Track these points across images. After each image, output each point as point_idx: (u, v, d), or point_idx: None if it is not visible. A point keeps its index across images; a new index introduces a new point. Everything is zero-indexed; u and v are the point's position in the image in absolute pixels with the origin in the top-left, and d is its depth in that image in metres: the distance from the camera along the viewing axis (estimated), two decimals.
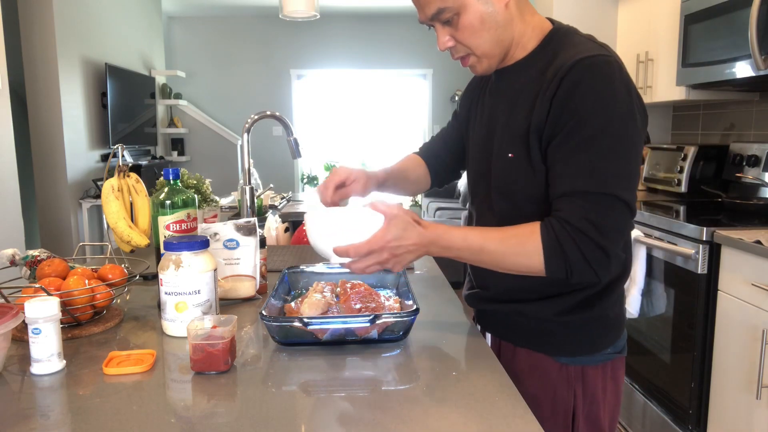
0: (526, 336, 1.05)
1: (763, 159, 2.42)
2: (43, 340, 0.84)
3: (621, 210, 0.87)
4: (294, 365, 0.88)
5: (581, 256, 0.86)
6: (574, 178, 0.87)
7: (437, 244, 0.91)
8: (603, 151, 0.86)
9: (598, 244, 0.86)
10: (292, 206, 3.15)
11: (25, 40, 4.01)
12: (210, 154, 6.46)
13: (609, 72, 0.88)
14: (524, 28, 0.98)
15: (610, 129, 0.86)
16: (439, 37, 0.98)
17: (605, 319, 1.03)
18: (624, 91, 0.88)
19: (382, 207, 0.91)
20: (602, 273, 0.88)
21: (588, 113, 0.86)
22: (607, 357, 1.04)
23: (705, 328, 1.99)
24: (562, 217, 0.87)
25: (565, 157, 0.89)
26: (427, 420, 0.71)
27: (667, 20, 2.66)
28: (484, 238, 0.91)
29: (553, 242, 0.87)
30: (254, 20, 7.00)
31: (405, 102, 7.43)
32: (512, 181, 0.98)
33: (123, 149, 1.34)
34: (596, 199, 0.86)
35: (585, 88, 0.87)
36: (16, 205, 3.00)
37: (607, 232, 0.86)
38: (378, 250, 0.89)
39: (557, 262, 0.87)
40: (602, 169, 0.86)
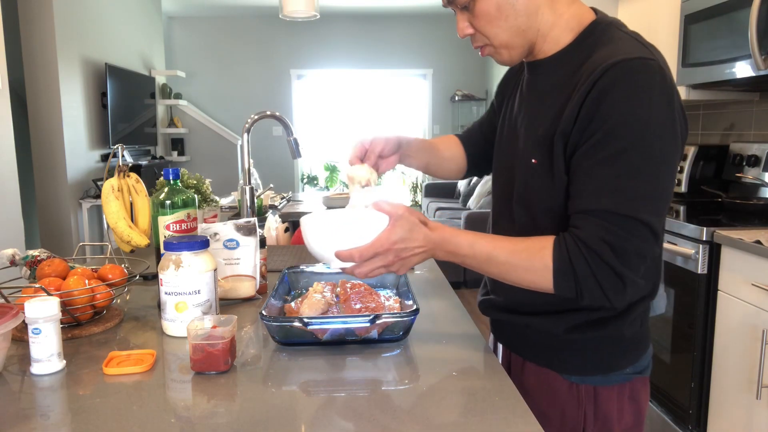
0: (534, 350, 1.00)
1: (763, 159, 2.42)
2: (43, 340, 0.84)
3: (644, 235, 0.79)
4: (294, 365, 0.88)
5: (594, 279, 0.80)
6: (596, 195, 0.80)
7: (443, 248, 0.86)
8: (631, 169, 0.78)
9: (614, 269, 0.79)
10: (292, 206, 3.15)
11: (25, 40, 4.02)
12: (210, 154, 6.47)
13: (648, 78, 0.78)
14: (555, 20, 0.89)
15: (642, 144, 0.78)
16: (458, 23, 0.92)
17: (620, 339, 0.94)
18: (664, 102, 0.79)
19: (387, 207, 0.85)
20: (615, 300, 0.81)
21: (619, 124, 0.78)
22: (626, 377, 0.96)
23: (705, 328, 1.99)
24: (578, 236, 0.80)
25: (589, 171, 0.81)
26: (427, 420, 0.71)
27: (667, 20, 2.66)
28: (493, 247, 0.85)
29: (565, 261, 0.80)
30: (254, 20, 7.00)
31: (405, 102, 7.44)
32: (533, 190, 0.92)
33: (123, 149, 1.34)
34: (617, 220, 0.78)
35: (618, 95, 0.78)
36: (16, 205, 3.00)
37: (626, 257, 0.79)
38: (383, 253, 0.84)
39: (567, 283, 0.81)
40: (628, 188, 0.78)
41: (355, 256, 0.84)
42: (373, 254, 0.84)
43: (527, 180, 0.93)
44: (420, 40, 7.18)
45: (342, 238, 0.85)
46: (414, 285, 1.26)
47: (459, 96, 7.10)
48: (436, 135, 7.38)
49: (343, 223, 0.88)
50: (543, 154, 0.88)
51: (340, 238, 0.85)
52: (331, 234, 0.87)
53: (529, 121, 0.94)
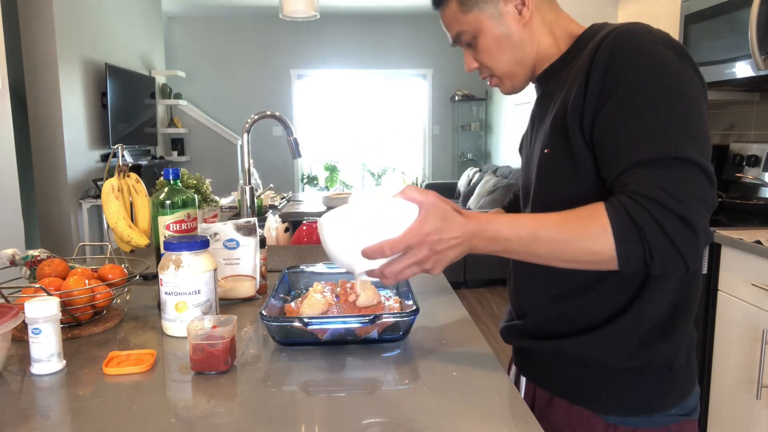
0: (566, 385, 0.90)
1: (763, 159, 2.42)
2: (43, 340, 0.84)
3: (699, 175, 0.72)
4: (294, 365, 0.88)
5: (661, 232, 0.69)
6: (635, 149, 0.73)
7: (482, 236, 0.76)
8: (663, 114, 0.73)
9: (680, 215, 0.69)
10: (292, 206, 3.15)
11: (25, 40, 4.02)
12: (210, 154, 6.47)
13: (647, 35, 0.78)
14: (552, 41, 0.94)
15: (665, 89, 0.74)
16: (465, 59, 0.98)
17: (666, 372, 0.85)
18: (671, 52, 0.76)
19: (416, 195, 0.76)
20: (689, 252, 0.70)
21: (634, 79, 0.75)
22: (671, 419, 0.86)
23: (705, 328, 1.99)
24: (630, 190, 0.72)
25: (619, 130, 0.75)
26: (428, 420, 0.71)
27: (667, 20, 2.67)
28: (539, 224, 0.76)
29: (624, 219, 0.71)
30: (254, 20, 7.00)
31: (405, 102, 7.44)
32: (547, 180, 0.88)
33: (123, 149, 1.34)
34: (667, 164, 0.72)
35: (624, 53, 0.76)
36: (16, 205, 3.00)
37: (689, 200, 0.70)
38: (417, 246, 0.74)
39: (632, 244, 0.71)
40: (667, 131, 0.73)
41: (386, 250, 0.74)
42: (405, 247, 0.74)
43: (541, 173, 0.89)
44: (420, 40, 7.19)
45: (368, 234, 0.75)
46: (414, 285, 1.26)
47: (459, 96, 7.10)
48: (436, 135, 7.38)
49: (367, 216, 0.76)
50: (555, 140, 0.85)
51: (365, 233, 0.75)
52: (355, 230, 0.76)
53: (540, 123, 0.95)
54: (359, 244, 0.75)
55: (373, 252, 0.75)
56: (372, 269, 0.77)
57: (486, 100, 7.21)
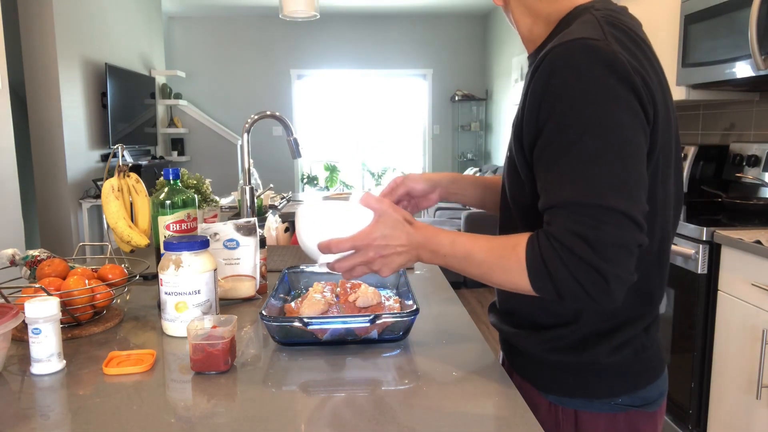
0: (516, 362, 0.95)
1: (763, 159, 2.42)
2: (43, 340, 0.84)
3: (618, 222, 0.70)
4: (294, 365, 0.88)
5: (571, 277, 0.71)
6: (559, 187, 0.73)
7: (426, 248, 0.82)
8: (588, 154, 0.72)
9: (590, 263, 0.70)
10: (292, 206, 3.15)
11: (25, 40, 4.02)
12: (210, 154, 6.47)
13: (589, 57, 0.73)
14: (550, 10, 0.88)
15: (596, 128, 0.72)
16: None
17: (598, 367, 0.86)
18: (611, 79, 0.72)
19: (373, 202, 0.83)
20: (600, 298, 0.72)
21: (566, 110, 0.73)
22: (618, 408, 0.87)
23: (705, 328, 1.99)
24: (549, 232, 0.74)
25: (548, 164, 0.76)
26: (428, 420, 0.71)
27: (667, 20, 2.66)
28: (471, 246, 0.80)
29: (536, 259, 0.74)
30: (254, 20, 7.00)
31: (405, 102, 7.44)
32: (507, 184, 0.90)
33: (123, 149, 1.34)
34: (586, 211, 0.71)
35: (559, 81, 0.73)
36: (16, 205, 3.00)
37: (602, 248, 0.70)
38: (363, 248, 0.81)
39: (543, 283, 0.74)
40: (590, 175, 0.71)
41: (332, 247, 0.82)
42: (350, 247, 0.81)
43: (505, 175, 0.92)
44: (420, 40, 7.18)
45: (325, 230, 0.84)
46: (414, 285, 1.26)
47: (459, 96, 7.10)
48: (436, 135, 7.38)
49: (327, 216, 0.86)
50: (513, 147, 0.86)
51: (324, 229, 0.84)
52: (316, 225, 0.86)
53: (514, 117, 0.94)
54: (318, 238, 0.84)
55: (323, 247, 0.83)
56: (328, 262, 0.85)
57: (486, 100, 7.21)
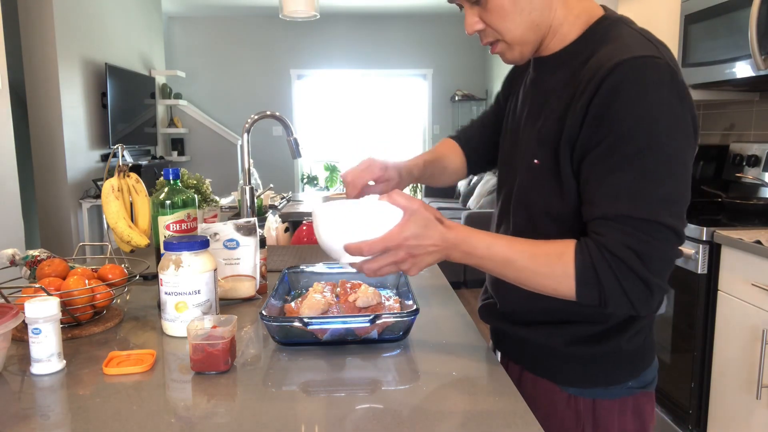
0: (533, 361, 0.97)
1: (763, 159, 2.42)
2: (43, 340, 0.84)
3: (667, 238, 0.76)
4: (294, 365, 0.88)
5: (619, 287, 0.76)
6: (615, 201, 0.76)
7: (459, 248, 0.81)
8: (648, 172, 0.75)
9: (639, 275, 0.75)
10: (292, 206, 3.15)
11: (25, 40, 4.02)
12: (210, 154, 6.46)
13: (658, 77, 0.75)
14: (565, 14, 0.86)
15: (657, 146, 0.75)
16: (467, 19, 0.87)
17: (620, 352, 0.91)
18: (675, 100, 0.76)
19: (402, 201, 0.80)
20: (641, 307, 0.77)
21: (632, 126, 0.75)
22: (628, 391, 0.92)
23: (705, 328, 1.99)
24: (601, 243, 0.77)
25: (603, 176, 0.78)
26: (427, 420, 0.71)
27: (667, 20, 2.66)
28: (512, 250, 0.80)
29: (588, 269, 0.76)
30: (254, 20, 7.00)
31: (405, 102, 7.44)
32: (533, 190, 0.90)
33: (123, 149, 1.34)
34: (640, 225, 0.75)
35: (627, 96, 0.75)
36: (16, 205, 3.00)
37: (652, 262, 0.75)
38: (394, 248, 0.79)
39: (590, 291, 0.77)
40: (647, 192, 0.75)
41: (364, 250, 0.79)
42: (383, 249, 0.79)
43: (528, 180, 0.91)
44: (420, 40, 7.18)
45: (352, 230, 0.81)
46: (414, 285, 1.26)
47: (459, 96, 7.10)
48: (436, 135, 7.38)
49: (354, 216, 0.82)
50: (547, 155, 0.86)
51: (350, 229, 0.81)
52: (341, 225, 0.82)
53: (532, 120, 0.91)
54: (344, 239, 0.81)
55: (353, 249, 0.80)
56: (354, 262, 0.83)
57: (486, 100, 7.21)
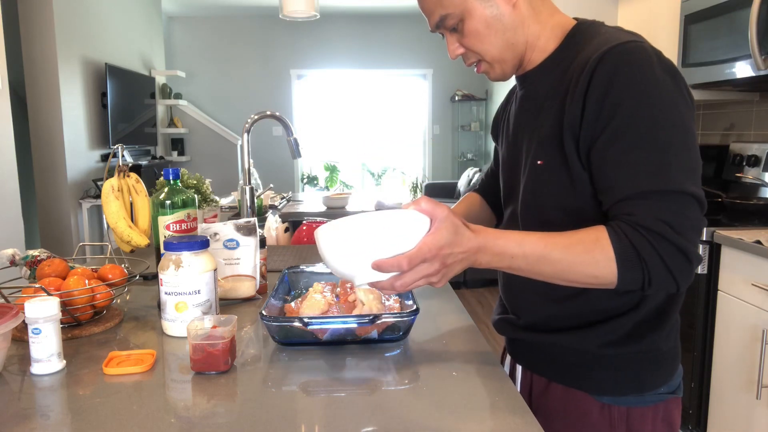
0: (562, 370, 0.94)
1: (763, 159, 2.42)
2: (43, 340, 0.84)
3: (694, 206, 0.77)
4: (294, 365, 0.88)
5: (661, 261, 0.75)
6: (636, 179, 0.77)
7: (488, 251, 0.78)
8: (662, 145, 0.76)
9: (678, 246, 0.75)
10: (292, 206, 3.15)
11: (25, 40, 4.02)
12: (210, 154, 6.46)
13: (646, 57, 0.78)
14: (540, 29, 0.91)
15: (663, 119, 0.77)
16: (448, 45, 0.93)
17: (656, 354, 0.89)
18: (667, 76, 0.78)
19: (428, 207, 0.76)
20: (683, 279, 0.77)
21: (633, 107, 0.77)
22: (660, 398, 0.91)
23: (705, 328, 1.99)
24: (634, 221, 0.76)
25: (619, 158, 0.78)
26: (428, 420, 0.71)
27: (667, 20, 2.66)
28: (546, 243, 0.78)
29: (627, 249, 0.75)
30: (254, 20, 7.00)
31: (405, 102, 7.44)
32: (540, 190, 0.90)
33: (123, 149, 1.34)
34: (667, 197, 0.76)
35: (623, 79, 0.77)
36: (16, 205, 3.00)
37: (685, 232, 0.75)
38: (431, 259, 0.74)
39: (633, 272, 0.76)
40: (666, 164, 0.76)
41: (404, 264, 0.73)
42: (421, 261, 0.74)
43: (533, 182, 0.91)
44: (420, 40, 7.18)
45: (381, 245, 0.73)
46: None
47: (459, 96, 7.10)
48: (436, 135, 7.38)
49: (378, 228, 0.74)
50: (549, 154, 0.87)
51: (377, 245, 0.73)
52: (365, 241, 0.74)
53: (531, 128, 0.93)
54: (370, 256, 0.74)
55: (390, 266, 0.74)
56: (381, 281, 0.76)
57: (486, 100, 7.21)
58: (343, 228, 0.76)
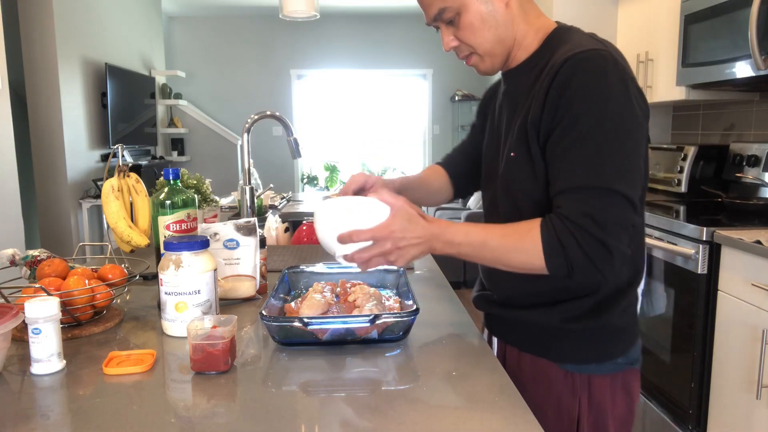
0: (530, 341, 1.04)
1: (763, 159, 2.42)
2: (43, 340, 0.84)
3: (621, 204, 0.85)
4: (294, 365, 0.88)
5: (581, 252, 0.84)
6: (571, 174, 0.86)
7: (440, 239, 0.90)
8: (599, 146, 0.85)
9: (598, 239, 0.83)
10: (292, 206, 3.15)
11: (25, 40, 4.02)
12: (210, 154, 6.46)
13: (601, 65, 0.87)
14: (527, 29, 0.99)
15: (606, 123, 0.85)
16: (443, 38, 1.00)
17: (614, 328, 1.00)
18: (618, 85, 0.86)
19: (389, 198, 0.90)
20: (606, 270, 0.85)
21: (582, 108, 0.85)
22: (618, 367, 1.01)
23: (705, 328, 1.99)
24: (561, 213, 0.86)
25: (562, 154, 0.88)
26: (428, 420, 0.71)
27: (667, 20, 2.66)
28: (486, 233, 0.90)
29: (552, 239, 0.85)
30: (254, 20, 7.00)
31: (405, 102, 7.43)
32: (513, 180, 0.98)
33: (123, 149, 1.34)
34: (594, 193, 0.85)
35: (578, 83, 0.86)
36: (16, 205, 3.00)
37: (608, 226, 0.84)
38: (381, 239, 0.88)
39: (557, 259, 0.85)
40: (599, 163, 0.85)
41: (353, 237, 0.88)
42: (371, 238, 0.88)
43: (508, 173, 1.00)
44: (420, 40, 7.18)
45: (344, 222, 0.89)
46: (414, 285, 1.26)
47: (459, 96, 7.10)
48: (436, 135, 7.38)
49: (346, 209, 0.91)
50: (520, 146, 0.95)
51: (342, 221, 0.89)
52: (335, 218, 0.90)
53: (508, 122, 1.02)
54: (337, 231, 0.89)
55: (343, 238, 0.89)
56: (346, 254, 0.91)
57: None
58: (326, 207, 0.93)
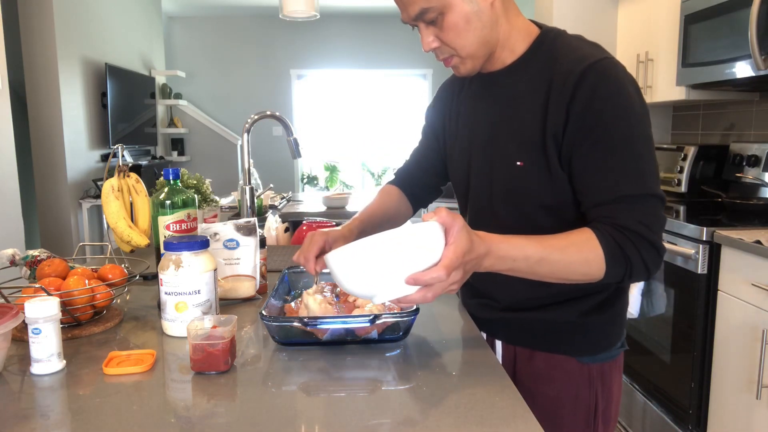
0: (545, 339, 1.05)
1: (763, 159, 2.42)
2: (43, 340, 0.84)
3: (660, 206, 0.90)
4: (294, 365, 0.88)
5: (640, 258, 0.87)
6: (615, 184, 0.88)
7: (493, 255, 0.80)
8: (636, 154, 0.88)
9: (652, 243, 0.87)
10: (292, 206, 3.15)
11: (25, 40, 4.02)
12: (210, 154, 6.46)
13: (619, 74, 0.89)
14: (509, 29, 0.97)
15: (636, 131, 0.88)
16: (423, 38, 0.94)
17: (618, 317, 1.06)
18: (635, 92, 0.90)
19: (448, 218, 0.75)
20: (655, 270, 0.90)
21: (612, 119, 0.88)
22: (618, 352, 1.08)
23: (705, 328, 1.99)
24: (617, 224, 0.87)
25: (598, 165, 0.89)
26: (428, 420, 0.71)
27: (667, 20, 2.66)
28: (544, 247, 0.84)
29: (615, 249, 0.86)
30: (254, 20, 7.00)
31: (405, 102, 7.43)
32: (521, 189, 0.97)
33: (123, 149, 1.34)
34: (643, 200, 0.88)
35: (603, 94, 0.88)
36: (16, 205, 3.00)
37: (657, 230, 0.89)
38: (457, 267, 0.75)
39: (618, 268, 0.87)
40: (640, 171, 0.88)
41: (443, 274, 0.73)
42: (446, 273, 0.74)
43: (512, 181, 0.98)
44: (420, 40, 7.18)
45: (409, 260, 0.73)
46: None
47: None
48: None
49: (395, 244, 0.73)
50: (531, 156, 0.94)
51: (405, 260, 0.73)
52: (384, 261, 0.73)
53: (506, 127, 0.99)
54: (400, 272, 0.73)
55: (430, 278, 0.73)
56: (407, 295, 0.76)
57: None
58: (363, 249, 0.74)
